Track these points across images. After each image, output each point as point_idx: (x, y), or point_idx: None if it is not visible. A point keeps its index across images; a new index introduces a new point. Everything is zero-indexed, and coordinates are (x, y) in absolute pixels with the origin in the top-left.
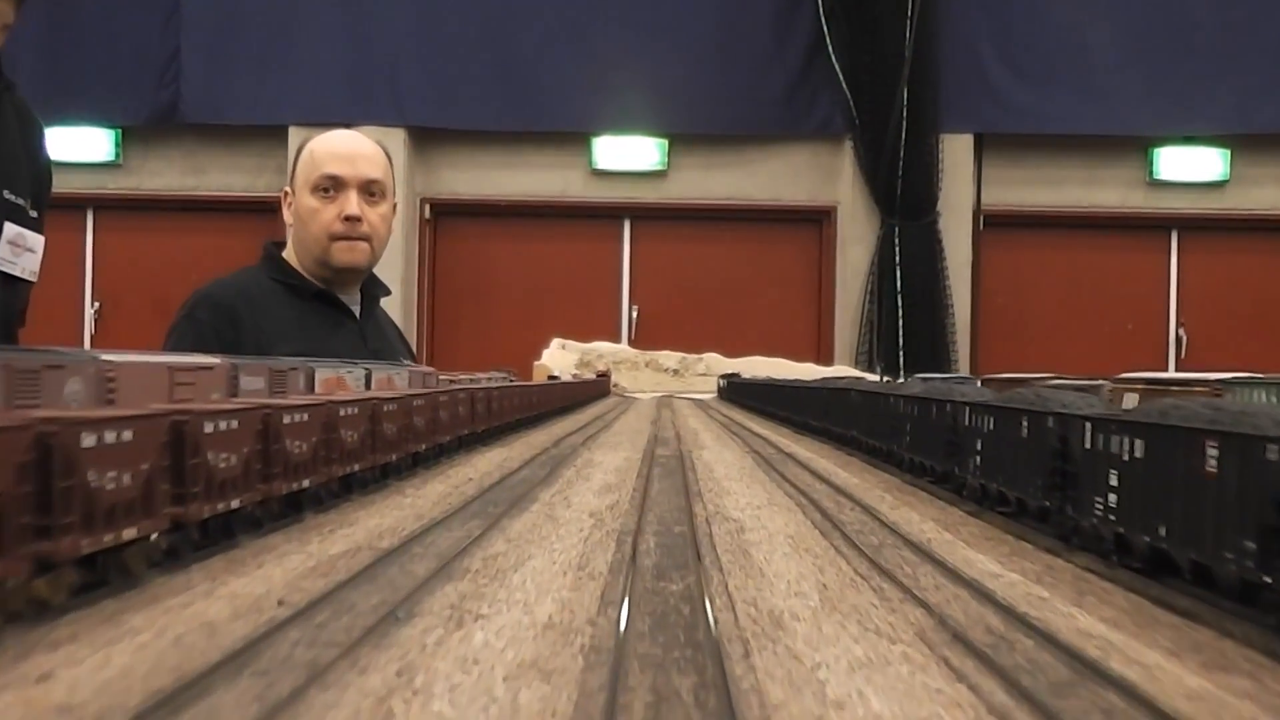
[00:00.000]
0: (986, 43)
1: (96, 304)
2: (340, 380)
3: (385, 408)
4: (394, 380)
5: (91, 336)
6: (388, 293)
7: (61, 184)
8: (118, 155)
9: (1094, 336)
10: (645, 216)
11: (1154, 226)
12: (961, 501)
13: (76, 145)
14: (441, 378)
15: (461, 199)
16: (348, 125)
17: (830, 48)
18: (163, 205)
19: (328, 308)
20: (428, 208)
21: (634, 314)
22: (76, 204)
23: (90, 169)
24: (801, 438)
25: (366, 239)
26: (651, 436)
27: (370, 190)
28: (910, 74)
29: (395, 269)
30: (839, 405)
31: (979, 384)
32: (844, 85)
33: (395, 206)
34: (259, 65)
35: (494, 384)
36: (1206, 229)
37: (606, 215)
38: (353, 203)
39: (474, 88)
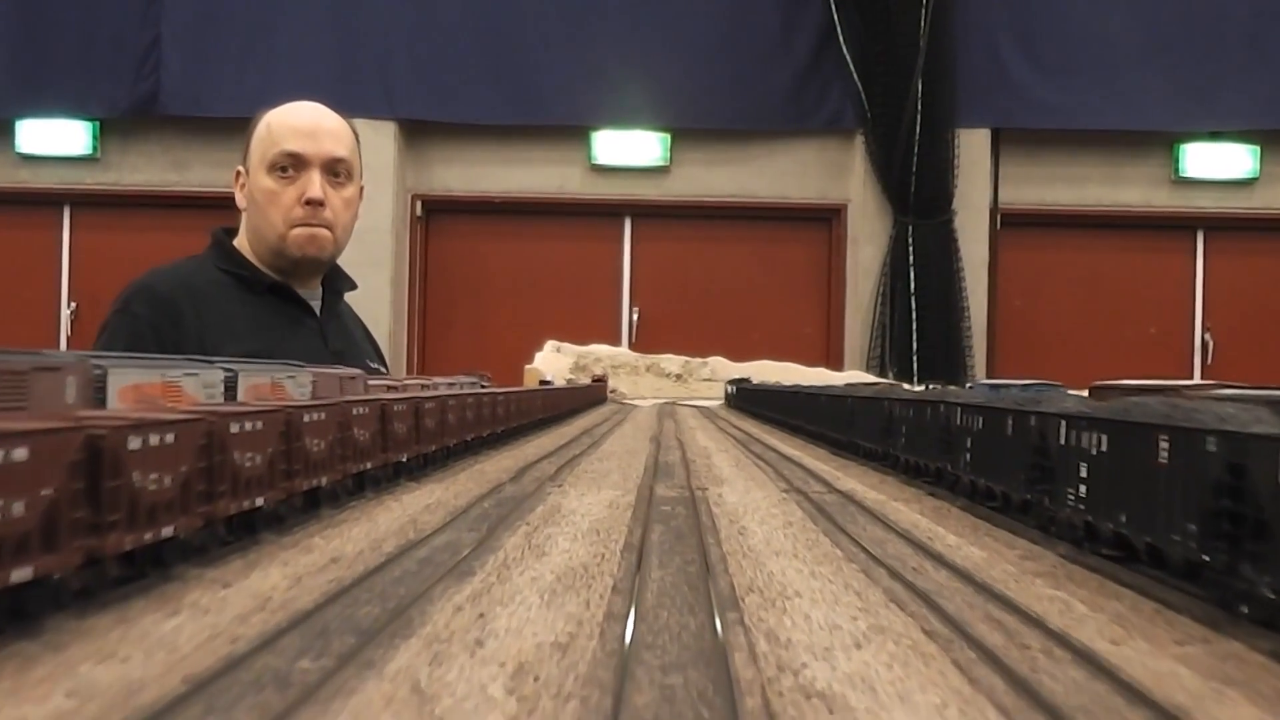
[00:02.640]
0: (1005, 33)
1: (73, 305)
2: (169, 389)
3: (140, 441)
4: (286, 389)
5: (68, 339)
6: (353, 286)
7: (36, 179)
8: (95, 149)
9: (1115, 341)
10: (647, 214)
11: (1179, 226)
12: (1233, 623)
13: (52, 138)
14: (376, 383)
15: (455, 196)
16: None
17: (841, 38)
18: (142, 201)
19: (284, 303)
20: (419, 204)
21: (634, 316)
22: (52, 200)
23: (66, 163)
24: (847, 464)
25: (329, 226)
26: (650, 461)
27: (335, 170)
28: (925, 66)
29: (385, 268)
30: (919, 425)
31: (1085, 395)
32: (855, 77)
33: (363, 189)
34: (242, 54)
35: (448, 391)
36: (1234, 229)
37: (606, 213)
38: (315, 184)
39: (468, 79)
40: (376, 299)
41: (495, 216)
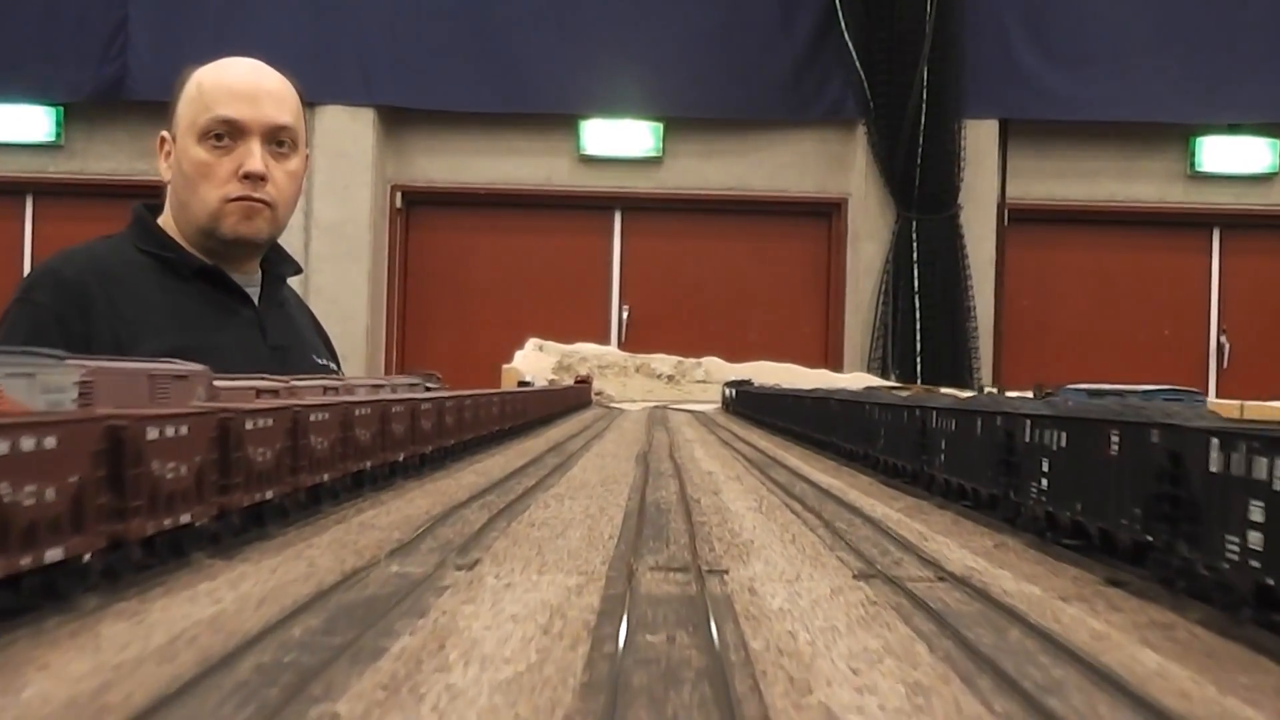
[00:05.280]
0: (1014, 19)
1: None
2: None
3: None
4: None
5: None
6: (297, 270)
7: None
8: (59, 135)
9: (1127, 343)
10: (638, 207)
11: (1195, 223)
12: None
13: (13, 124)
14: (235, 386)
15: (436, 187)
16: (309, 104)
17: (843, 24)
18: (109, 191)
19: (215, 290)
20: (399, 196)
21: (625, 314)
22: (13, 189)
23: (28, 150)
24: (919, 505)
25: (270, 203)
26: (634, 501)
27: (278, 139)
28: (930, 53)
29: (362, 262)
30: (1088, 462)
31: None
32: (857, 65)
33: (308, 158)
34: (215, 36)
35: (335, 399)
36: (1252, 226)
37: (596, 206)
38: (255, 156)
39: (451, 64)
40: (353, 294)
41: (479, 209)
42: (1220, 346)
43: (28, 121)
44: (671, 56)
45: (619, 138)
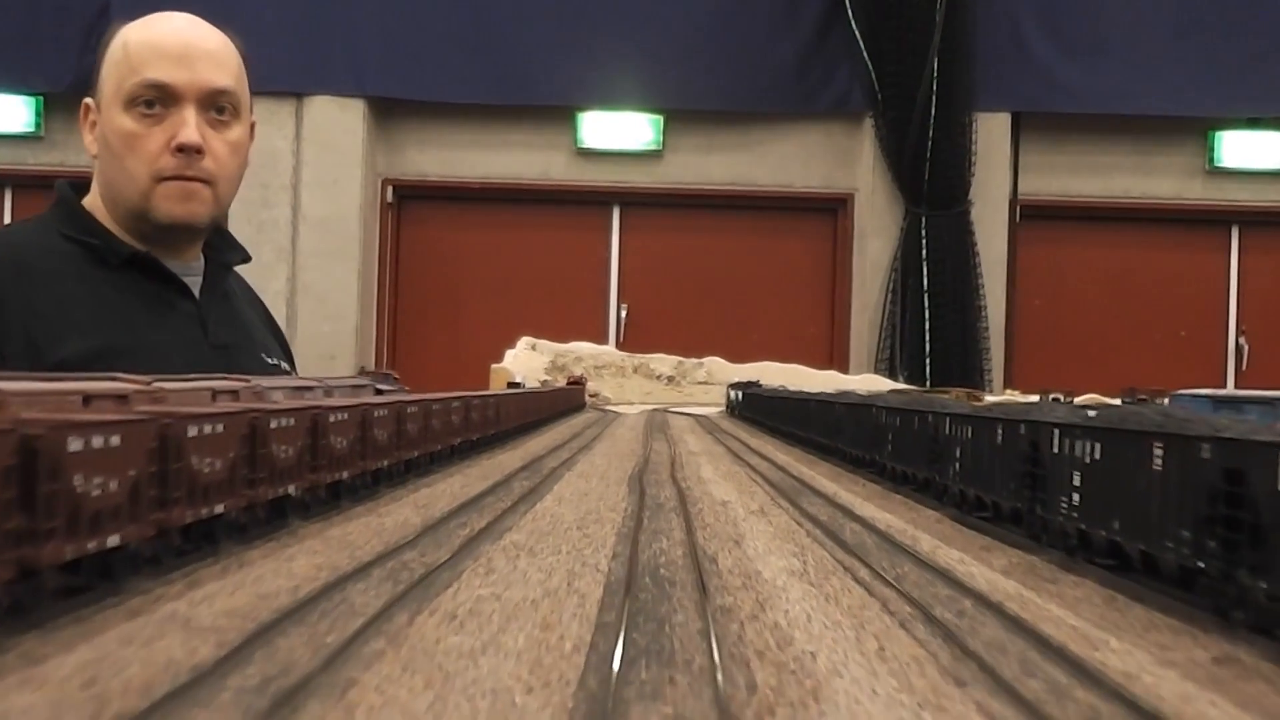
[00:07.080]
0: (1027, 9)
1: None
2: None
3: None
4: None
5: None
6: (245, 258)
7: None
8: (39, 126)
9: (1143, 345)
10: (637, 203)
11: (1213, 220)
12: None
13: None
14: (46, 388)
15: (429, 181)
16: (297, 94)
17: (849, 13)
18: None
19: (149, 281)
20: (390, 190)
21: (623, 313)
22: None
23: (7, 141)
24: (1033, 566)
25: (209, 179)
26: (622, 554)
27: (217, 105)
28: (941, 44)
29: (352, 259)
30: None
31: None
32: (865, 56)
33: (254, 127)
34: None
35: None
36: (1273, 224)
37: (593, 201)
38: (190, 126)
39: (444, 54)
40: (343, 292)
41: (473, 204)
42: (1239, 348)
43: (6, 112)
44: (672, 47)
45: (618, 131)
